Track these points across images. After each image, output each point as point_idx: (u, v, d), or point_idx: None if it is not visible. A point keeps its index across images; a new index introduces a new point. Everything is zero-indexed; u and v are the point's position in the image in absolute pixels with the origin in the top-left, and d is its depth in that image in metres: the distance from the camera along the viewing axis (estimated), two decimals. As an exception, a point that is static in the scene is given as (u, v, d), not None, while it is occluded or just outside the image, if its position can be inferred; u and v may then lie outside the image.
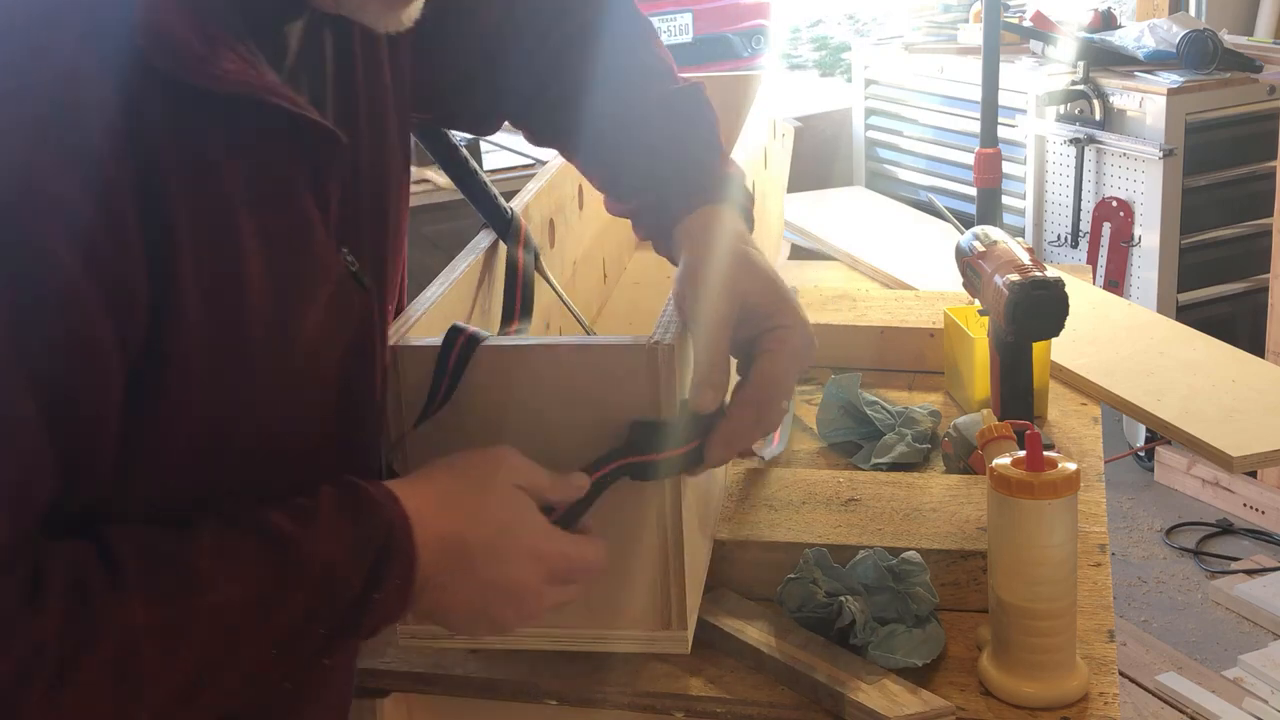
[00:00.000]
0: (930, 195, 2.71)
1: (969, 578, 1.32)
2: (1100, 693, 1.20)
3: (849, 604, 1.24)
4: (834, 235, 3.18)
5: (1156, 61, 3.78)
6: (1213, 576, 3.37)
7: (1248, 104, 3.77)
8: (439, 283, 1.27)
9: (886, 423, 1.63)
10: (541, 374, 1.08)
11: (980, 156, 3.50)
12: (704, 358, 1.06)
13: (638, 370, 1.07)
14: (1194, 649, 3.04)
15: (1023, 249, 1.61)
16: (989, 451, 1.41)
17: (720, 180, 1.16)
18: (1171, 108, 3.61)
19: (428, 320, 1.18)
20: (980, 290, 1.63)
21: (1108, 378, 1.85)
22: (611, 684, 1.24)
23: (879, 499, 1.44)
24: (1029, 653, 1.19)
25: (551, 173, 1.63)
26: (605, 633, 1.15)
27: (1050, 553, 1.17)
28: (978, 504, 1.40)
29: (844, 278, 2.67)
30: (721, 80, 2.27)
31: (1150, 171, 3.64)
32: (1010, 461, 1.18)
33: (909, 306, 1.96)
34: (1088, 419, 1.73)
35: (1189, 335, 2.10)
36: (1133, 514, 3.70)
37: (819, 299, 2.01)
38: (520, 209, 1.46)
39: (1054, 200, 3.92)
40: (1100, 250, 3.79)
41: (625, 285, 2.03)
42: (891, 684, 1.19)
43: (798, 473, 1.52)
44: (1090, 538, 1.41)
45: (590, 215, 1.81)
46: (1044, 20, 4.22)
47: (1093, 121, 3.75)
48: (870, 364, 1.87)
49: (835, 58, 9.79)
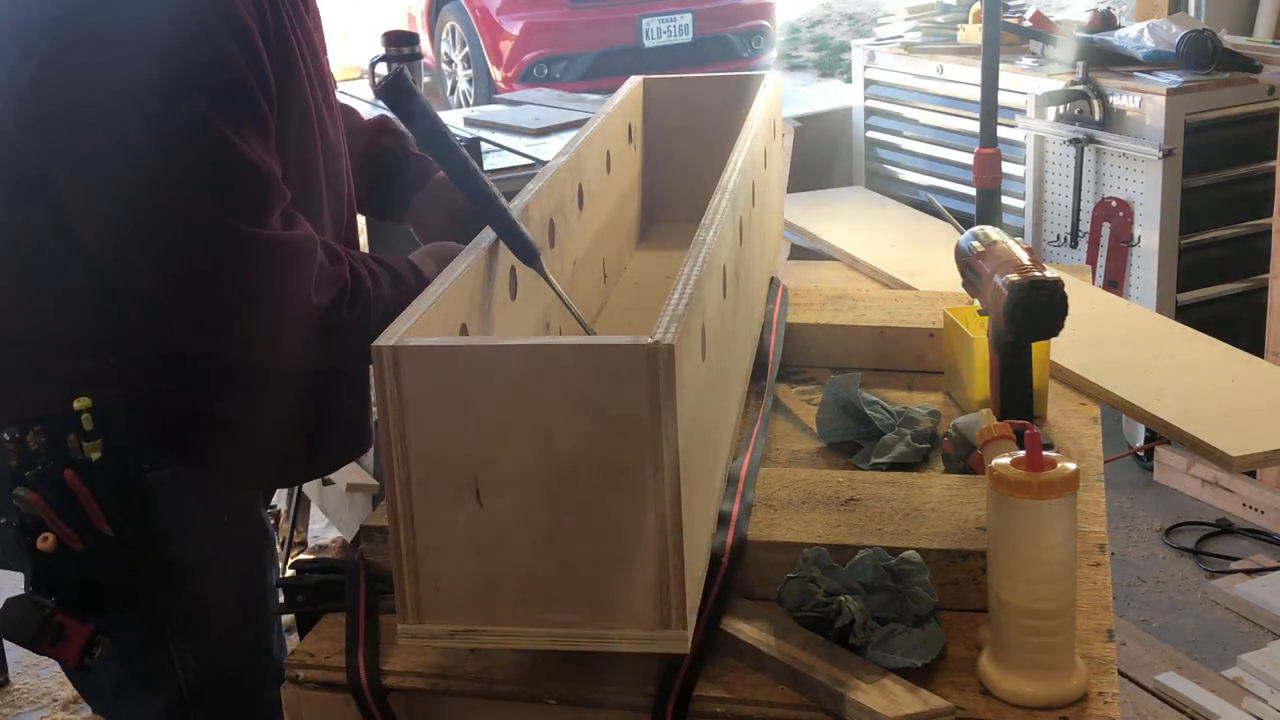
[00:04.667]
0: (930, 195, 2.71)
1: (969, 577, 1.32)
2: (1099, 692, 1.20)
3: (848, 604, 1.24)
4: (834, 235, 3.18)
5: (1156, 62, 3.78)
6: (1212, 576, 3.37)
7: (1247, 104, 3.76)
8: (439, 283, 1.27)
9: (886, 423, 1.63)
10: (541, 374, 1.09)
11: (980, 156, 3.50)
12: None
13: (638, 370, 1.07)
14: (1193, 649, 3.04)
15: (1022, 249, 1.61)
16: (988, 451, 1.41)
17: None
18: (1171, 108, 3.60)
19: (427, 320, 1.19)
20: (980, 290, 1.64)
21: (1107, 378, 1.85)
22: (611, 684, 1.24)
23: (878, 499, 1.44)
24: (1028, 652, 1.19)
25: (551, 173, 1.63)
26: (605, 632, 1.15)
27: (1049, 552, 1.17)
28: (977, 504, 1.40)
29: (844, 278, 2.67)
30: (721, 80, 2.27)
31: (1150, 171, 3.64)
32: (1010, 461, 1.18)
33: (909, 306, 1.97)
34: (1087, 419, 1.73)
35: (1189, 335, 2.10)
36: (1132, 514, 3.70)
37: (819, 299, 2.01)
38: (520, 209, 1.46)
39: (1053, 200, 3.92)
40: (1100, 250, 3.79)
41: (625, 285, 2.03)
42: (891, 684, 1.19)
43: (798, 473, 1.52)
44: (1090, 537, 1.41)
45: (590, 215, 1.81)
46: (1044, 20, 4.22)
47: (1092, 122, 3.75)
48: (870, 364, 1.87)
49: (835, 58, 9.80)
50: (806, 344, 1.90)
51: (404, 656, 1.30)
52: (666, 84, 2.25)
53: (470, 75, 7.98)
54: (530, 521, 1.12)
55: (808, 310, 1.96)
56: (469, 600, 1.15)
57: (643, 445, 1.09)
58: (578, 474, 1.11)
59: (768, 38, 8.12)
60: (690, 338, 1.18)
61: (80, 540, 1.46)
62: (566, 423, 1.09)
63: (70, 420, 1.45)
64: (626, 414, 1.08)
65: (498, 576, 1.14)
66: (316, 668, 1.32)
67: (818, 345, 1.90)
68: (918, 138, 4.43)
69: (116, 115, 1.37)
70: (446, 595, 1.15)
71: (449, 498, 1.13)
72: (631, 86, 2.17)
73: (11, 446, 1.46)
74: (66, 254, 1.46)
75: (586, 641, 1.16)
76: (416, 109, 1.40)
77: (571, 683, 1.25)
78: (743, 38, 7.94)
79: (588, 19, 7.57)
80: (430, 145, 1.46)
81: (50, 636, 1.48)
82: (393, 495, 1.13)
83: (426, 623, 1.16)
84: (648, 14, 7.59)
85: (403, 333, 1.14)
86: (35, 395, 1.49)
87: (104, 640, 1.50)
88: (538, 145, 3.48)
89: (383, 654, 1.31)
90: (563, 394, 1.09)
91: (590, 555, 1.13)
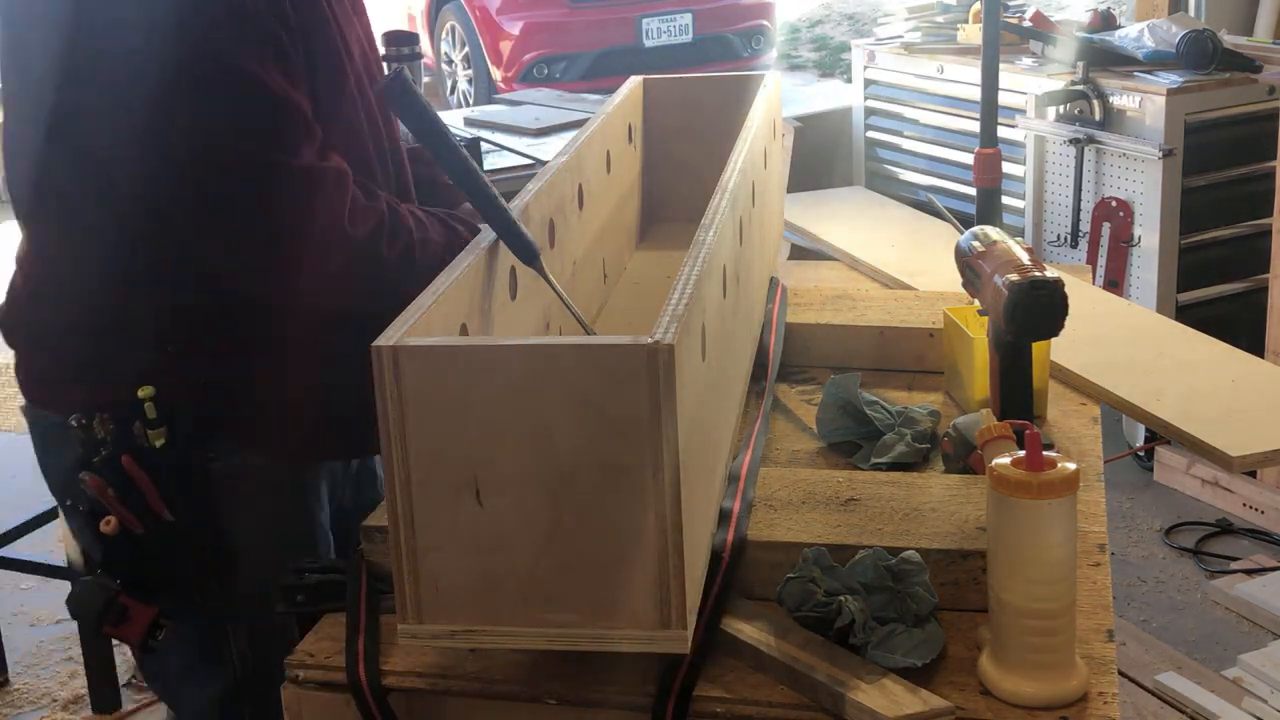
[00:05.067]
0: (930, 195, 2.70)
1: (968, 577, 1.32)
2: (1099, 692, 1.20)
3: (848, 604, 1.24)
4: (834, 235, 3.18)
5: (1156, 62, 3.78)
6: (1212, 576, 3.37)
7: (1247, 104, 3.76)
8: (439, 282, 1.27)
9: (886, 423, 1.63)
10: (542, 374, 1.09)
11: (980, 156, 3.50)
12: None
13: (638, 370, 1.07)
14: (1193, 649, 3.04)
15: (1022, 249, 1.61)
16: (988, 451, 1.41)
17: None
18: (1171, 108, 3.61)
19: (427, 320, 1.19)
20: (980, 290, 1.64)
21: (1107, 378, 1.85)
22: (611, 684, 1.24)
23: (878, 499, 1.44)
24: (1028, 652, 1.19)
25: (551, 173, 1.63)
26: (605, 632, 1.15)
27: (1049, 552, 1.17)
28: (977, 504, 1.40)
29: (844, 278, 2.67)
30: (721, 80, 2.27)
31: (1150, 171, 3.64)
32: (1010, 461, 1.18)
33: (909, 306, 1.96)
34: (1087, 419, 1.73)
35: (1189, 335, 2.10)
36: (1132, 514, 3.70)
37: (819, 299, 2.01)
38: (520, 209, 1.46)
39: (1054, 200, 3.92)
40: (1100, 250, 3.79)
41: (625, 285, 2.03)
42: (891, 684, 1.19)
43: (798, 473, 1.52)
44: (1090, 537, 1.41)
45: (590, 215, 1.81)
46: (1044, 20, 4.22)
47: (1092, 121, 3.75)
48: (870, 364, 1.87)
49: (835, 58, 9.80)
50: (806, 344, 1.90)
51: (404, 656, 1.30)
52: (666, 84, 2.25)
53: (470, 75, 7.98)
54: (530, 521, 1.12)
55: (808, 310, 1.96)
56: (469, 600, 1.15)
57: (643, 445, 1.09)
58: (578, 474, 1.11)
59: (768, 38, 8.12)
60: (690, 338, 1.18)
61: (141, 525, 1.53)
62: (566, 423, 1.09)
63: (135, 408, 1.52)
64: (626, 414, 1.08)
65: (498, 576, 1.14)
66: (316, 668, 1.32)
67: (818, 345, 1.90)
68: (918, 138, 4.43)
69: (140, 57, 1.43)
70: (446, 595, 1.15)
71: (449, 498, 1.13)
72: (631, 86, 2.17)
73: (80, 433, 1.53)
74: (126, 244, 1.52)
75: (586, 641, 1.16)
76: (416, 109, 1.40)
77: (571, 683, 1.25)
78: (743, 38, 7.94)
79: (588, 19, 7.58)
80: (430, 145, 1.46)
81: (114, 617, 1.55)
82: (393, 495, 1.14)
83: (426, 623, 1.16)
84: (648, 14, 7.60)
85: (403, 333, 1.14)
86: (102, 384, 1.56)
87: (168, 623, 1.57)
88: (538, 145, 3.48)
89: (383, 654, 1.31)
90: (563, 394, 1.09)
91: (590, 555, 1.13)
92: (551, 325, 1.57)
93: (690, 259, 1.30)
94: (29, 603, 3.53)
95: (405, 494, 1.13)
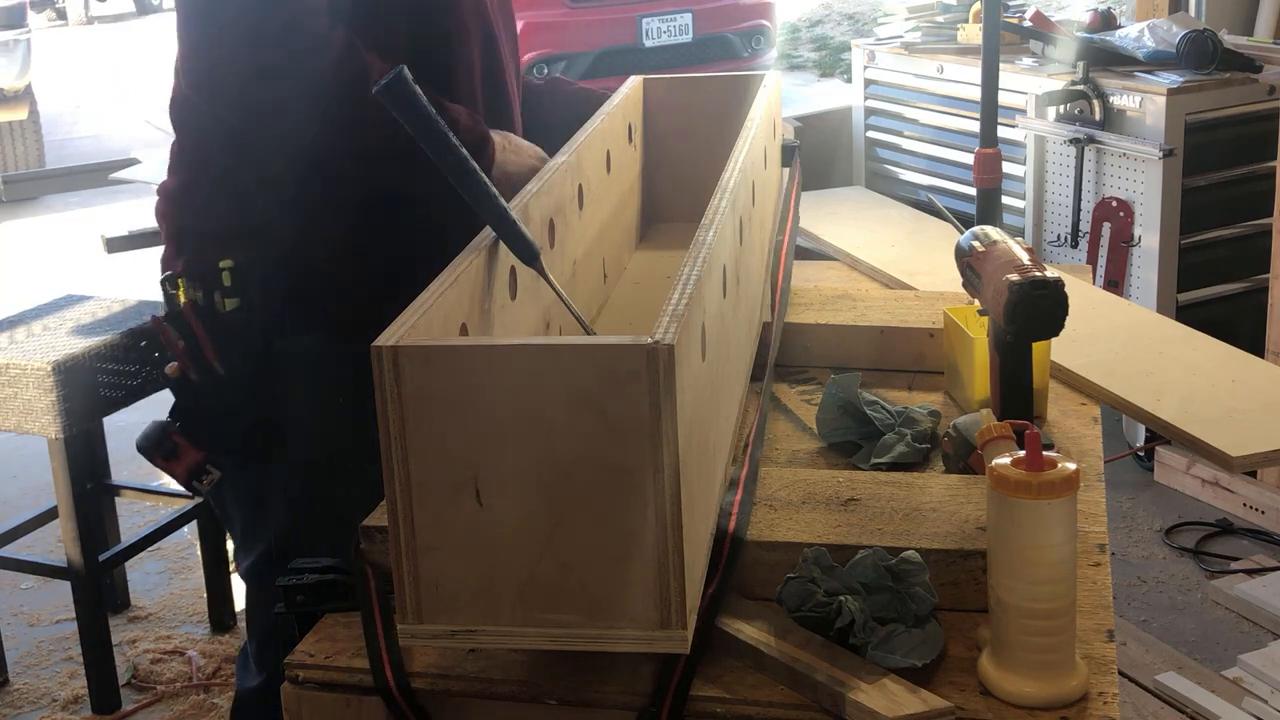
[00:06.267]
0: (930, 195, 2.71)
1: (968, 577, 1.32)
2: (1100, 692, 1.20)
3: (848, 604, 1.24)
4: (834, 235, 3.18)
5: (1156, 62, 3.78)
6: (1212, 576, 3.37)
7: (1247, 104, 3.76)
8: (439, 282, 1.27)
9: (886, 423, 1.63)
10: (542, 374, 1.09)
11: (980, 156, 3.50)
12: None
13: (638, 370, 1.07)
14: (1194, 649, 3.04)
15: (1022, 249, 1.61)
16: (989, 451, 1.41)
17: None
18: (1171, 108, 3.61)
19: (427, 320, 1.19)
20: (980, 290, 1.64)
21: (1107, 378, 1.85)
22: (611, 684, 1.24)
23: (878, 499, 1.44)
24: (1028, 652, 1.19)
25: (551, 173, 1.63)
26: (605, 632, 1.15)
27: (1049, 553, 1.17)
28: (977, 504, 1.40)
29: (844, 278, 2.67)
30: (721, 80, 2.27)
31: (1150, 171, 3.64)
32: (1010, 461, 1.18)
33: (909, 306, 1.96)
34: (1087, 419, 1.73)
35: (1189, 335, 2.10)
36: (1132, 514, 3.70)
37: (819, 299, 2.01)
38: (520, 209, 1.46)
39: (1054, 200, 3.92)
40: (1100, 250, 3.79)
41: (625, 285, 2.03)
42: (891, 684, 1.19)
43: (798, 473, 1.52)
44: (1090, 537, 1.41)
45: (590, 215, 1.81)
46: (1044, 20, 4.22)
47: (1092, 121, 3.75)
48: (870, 364, 1.87)
49: (835, 58, 9.80)
50: (806, 344, 1.90)
51: (404, 656, 1.30)
52: (666, 84, 2.25)
53: (470, 75, 7.97)
54: (530, 521, 1.12)
55: (808, 310, 1.96)
56: (469, 600, 1.15)
57: (643, 445, 1.09)
58: (578, 474, 1.11)
59: (768, 38, 8.12)
60: (690, 338, 1.18)
61: (195, 371, 1.75)
62: (566, 423, 1.09)
63: (215, 276, 1.75)
64: (626, 414, 1.08)
65: (497, 576, 1.14)
66: (316, 668, 1.32)
67: (818, 345, 1.90)
68: (918, 138, 4.43)
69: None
70: (446, 595, 1.15)
71: (449, 498, 1.13)
72: (631, 86, 2.17)
73: (172, 291, 1.78)
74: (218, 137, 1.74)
75: (586, 641, 1.16)
76: (417, 108, 1.40)
77: (571, 683, 1.25)
78: (743, 38, 7.94)
79: (588, 19, 7.57)
80: (431, 144, 1.46)
81: (165, 451, 1.76)
82: (393, 495, 1.13)
83: (426, 623, 1.16)
84: (648, 14, 7.59)
85: (403, 333, 1.14)
86: (195, 253, 1.78)
87: (213, 472, 1.77)
88: (538, 145, 3.47)
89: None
90: (563, 394, 1.09)
91: (590, 555, 1.13)
92: (551, 325, 1.57)
93: (690, 259, 1.30)
94: (29, 603, 3.54)
95: (405, 494, 1.13)
